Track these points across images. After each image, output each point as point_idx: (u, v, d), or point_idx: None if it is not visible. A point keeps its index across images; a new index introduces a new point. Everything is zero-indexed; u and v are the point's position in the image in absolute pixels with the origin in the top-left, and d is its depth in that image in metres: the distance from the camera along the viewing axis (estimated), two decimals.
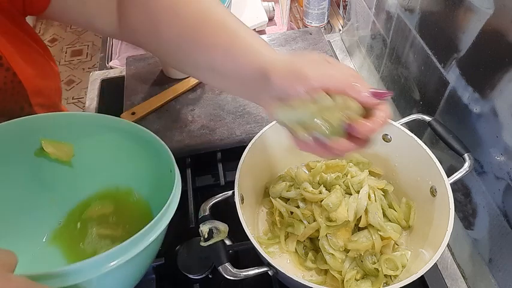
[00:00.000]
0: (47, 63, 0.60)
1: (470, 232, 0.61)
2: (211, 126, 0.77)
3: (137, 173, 0.59)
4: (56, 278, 0.36)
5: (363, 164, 0.65)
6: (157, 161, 0.54)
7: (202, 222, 0.49)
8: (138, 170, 0.59)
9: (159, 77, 0.87)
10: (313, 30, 0.96)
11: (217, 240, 0.48)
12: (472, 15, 0.52)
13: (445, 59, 0.60)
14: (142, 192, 0.61)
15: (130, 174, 0.60)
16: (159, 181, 0.55)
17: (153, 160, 0.55)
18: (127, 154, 0.58)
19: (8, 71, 0.51)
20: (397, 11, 0.72)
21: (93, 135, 0.56)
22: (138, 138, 0.55)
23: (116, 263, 0.39)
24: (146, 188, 0.60)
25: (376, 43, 0.85)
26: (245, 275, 0.48)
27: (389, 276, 0.55)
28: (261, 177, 0.65)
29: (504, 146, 0.51)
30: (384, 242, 0.56)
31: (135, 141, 0.55)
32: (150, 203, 0.60)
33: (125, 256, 0.40)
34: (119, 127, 0.56)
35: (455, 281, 0.63)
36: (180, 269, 0.59)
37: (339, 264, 0.55)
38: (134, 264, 0.45)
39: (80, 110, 2.24)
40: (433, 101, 0.66)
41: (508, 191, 0.52)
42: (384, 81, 0.83)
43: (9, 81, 0.52)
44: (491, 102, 0.52)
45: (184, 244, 0.61)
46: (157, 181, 0.55)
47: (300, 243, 0.59)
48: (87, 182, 0.60)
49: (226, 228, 0.48)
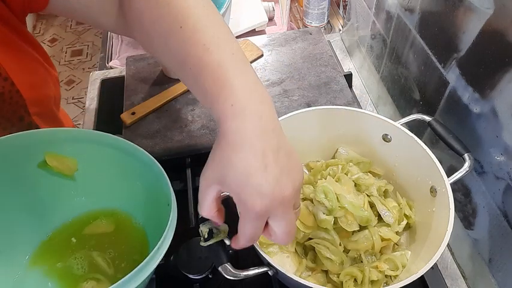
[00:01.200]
0: (46, 71, 0.60)
1: (470, 232, 0.61)
2: (211, 126, 0.77)
3: (135, 197, 0.59)
4: None
5: (364, 163, 0.65)
6: (156, 188, 0.53)
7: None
8: (136, 194, 0.58)
9: (159, 77, 0.87)
10: (313, 30, 0.96)
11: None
12: (472, 15, 0.52)
13: (445, 59, 0.60)
14: (138, 218, 0.61)
15: (128, 196, 0.59)
16: (156, 209, 0.54)
17: (152, 187, 0.54)
18: (127, 175, 0.57)
19: (6, 80, 0.51)
20: (397, 11, 0.72)
21: (95, 153, 0.56)
22: (140, 162, 0.54)
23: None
24: (143, 213, 0.60)
25: (376, 43, 0.85)
26: (245, 275, 0.48)
27: (390, 276, 0.55)
28: None
29: (504, 146, 0.51)
30: (383, 242, 0.56)
31: (137, 162, 0.55)
32: (145, 228, 0.60)
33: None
34: (121, 147, 0.55)
35: (455, 281, 0.63)
36: (180, 269, 0.59)
37: (337, 268, 0.55)
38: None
39: (80, 110, 2.24)
40: (433, 101, 0.66)
41: (508, 191, 0.52)
42: (384, 81, 0.83)
43: (7, 91, 0.51)
44: (491, 102, 0.52)
45: (184, 244, 0.61)
46: (155, 209, 0.55)
47: (300, 243, 0.59)
48: (84, 200, 0.60)
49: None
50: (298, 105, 0.80)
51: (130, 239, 0.59)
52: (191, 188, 0.69)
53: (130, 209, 0.61)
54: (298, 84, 0.84)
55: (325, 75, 0.85)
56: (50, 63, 0.62)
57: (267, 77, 0.86)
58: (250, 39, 0.94)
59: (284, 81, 0.85)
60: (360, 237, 0.56)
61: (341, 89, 0.82)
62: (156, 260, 0.44)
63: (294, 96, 0.82)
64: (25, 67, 0.55)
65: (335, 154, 0.68)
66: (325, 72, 0.86)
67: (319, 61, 0.88)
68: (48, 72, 0.61)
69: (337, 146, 0.68)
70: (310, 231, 0.56)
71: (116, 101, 0.84)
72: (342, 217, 0.55)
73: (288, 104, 0.80)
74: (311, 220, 0.57)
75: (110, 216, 0.61)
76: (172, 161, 0.71)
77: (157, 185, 0.52)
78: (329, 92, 0.82)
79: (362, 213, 0.55)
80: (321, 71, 0.86)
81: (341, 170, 0.62)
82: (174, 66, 0.46)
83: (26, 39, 0.55)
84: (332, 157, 0.69)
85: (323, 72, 0.86)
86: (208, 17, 0.44)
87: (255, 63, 0.90)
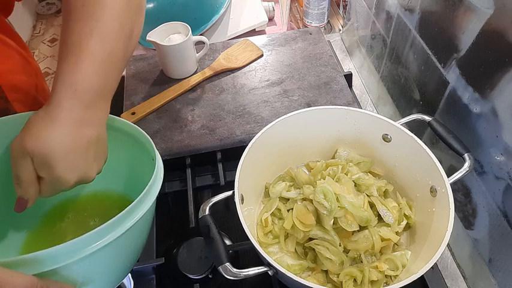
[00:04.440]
0: (23, 59, 0.61)
1: (470, 232, 0.61)
2: (211, 126, 0.77)
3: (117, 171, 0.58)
4: (31, 263, 0.35)
5: (364, 163, 0.65)
6: (139, 152, 0.53)
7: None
8: (120, 167, 0.57)
9: (159, 77, 0.88)
10: (313, 30, 0.96)
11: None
12: (472, 15, 0.52)
13: (445, 59, 0.60)
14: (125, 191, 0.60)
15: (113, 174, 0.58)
16: (141, 178, 0.53)
17: (134, 150, 0.54)
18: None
19: None
20: (397, 11, 0.72)
21: None
22: (117, 131, 0.54)
23: (94, 246, 0.38)
24: (128, 185, 0.59)
25: (376, 43, 0.85)
26: (245, 275, 0.48)
27: (389, 276, 0.55)
28: (261, 177, 0.65)
29: (504, 146, 0.51)
30: (383, 242, 0.56)
31: (115, 132, 0.54)
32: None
33: (104, 240, 0.39)
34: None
35: (455, 281, 0.63)
36: (180, 269, 0.59)
37: (337, 268, 0.55)
38: (118, 249, 0.44)
39: None
40: (433, 101, 0.66)
41: (508, 191, 0.52)
42: (384, 81, 0.83)
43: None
44: (491, 102, 0.52)
45: (184, 244, 0.61)
46: (140, 179, 0.54)
47: (300, 243, 0.59)
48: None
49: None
50: (298, 105, 0.80)
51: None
52: (191, 188, 0.69)
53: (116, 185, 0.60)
54: (298, 84, 0.84)
55: (325, 75, 0.85)
56: (29, 55, 0.63)
57: (267, 77, 0.86)
58: (250, 39, 0.94)
59: (284, 81, 0.85)
60: (359, 237, 0.56)
61: (341, 89, 0.82)
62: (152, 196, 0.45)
63: (294, 96, 0.82)
64: (0, 54, 0.55)
65: (335, 154, 0.68)
66: (325, 72, 0.86)
67: (319, 61, 0.88)
68: (26, 60, 0.61)
69: (337, 146, 0.68)
70: (309, 229, 0.56)
71: (116, 101, 0.84)
72: (342, 217, 0.55)
73: (288, 104, 0.80)
74: (310, 219, 0.57)
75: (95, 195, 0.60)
76: (172, 161, 0.71)
77: (140, 150, 0.52)
78: (329, 92, 0.82)
79: (362, 214, 0.55)
80: (321, 71, 0.86)
81: (341, 170, 0.62)
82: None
83: (4, 31, 0.56)
84: (332, 157, 0.69)
85: (323, 72, 0.86)
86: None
87: (255, 63, 0.90)
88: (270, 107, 0.80)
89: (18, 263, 0.35)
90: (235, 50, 0.92)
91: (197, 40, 0.84)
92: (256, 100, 0.82)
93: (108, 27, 0.45)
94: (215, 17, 1.00)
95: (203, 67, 0.88)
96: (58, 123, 0.42)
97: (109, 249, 0.41)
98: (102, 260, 0.43)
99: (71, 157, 0.43)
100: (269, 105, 0.80)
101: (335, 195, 0.55)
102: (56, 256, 0.37)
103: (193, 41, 0.84)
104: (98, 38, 0.44)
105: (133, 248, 0.50)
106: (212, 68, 0.87)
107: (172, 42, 0.82)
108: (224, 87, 0.85)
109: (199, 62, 0.90)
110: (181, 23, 0.84)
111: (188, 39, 0.81)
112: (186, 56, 0.84)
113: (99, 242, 0.39)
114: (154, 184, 0.47)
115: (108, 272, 0.47)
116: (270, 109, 0.80)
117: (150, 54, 0.93)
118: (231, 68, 0.88)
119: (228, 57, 0.90)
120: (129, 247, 0.48)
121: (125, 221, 0.42)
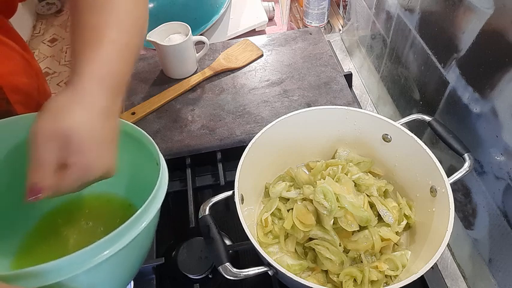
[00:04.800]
0: (25, 60, 0.60)
1: (470, 232, 0.61)
2: (211, 126, 0.77)
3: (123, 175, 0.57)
4: (34, 277, 0.33)
5: (364, 163, 0.65)
6: (142, 155, 0.52)
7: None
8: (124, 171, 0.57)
9: (159, 77, 0.88)
10: (313, 30, 0.96)
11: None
12: (472, 15, 0.52)
13: (445, 59, 0.60)
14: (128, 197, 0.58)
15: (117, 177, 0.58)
16: (144, 183, 0.52)
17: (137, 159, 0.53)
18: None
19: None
20: (397, 11, 0.72)
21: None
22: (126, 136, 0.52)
23: (100, 257, 0.37)
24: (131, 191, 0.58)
25: (376, 43, 0.85)
26: (245, 275, 0.48)
27: (389, 276, 0.55)
28: (261, 177, 0.65)
29: (504, 146, 0.51)
30: (383, 242, 0.56)
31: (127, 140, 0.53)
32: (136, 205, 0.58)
33: (110, 250, 0.38)
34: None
35: (455, 281, 0.63)
36: (180, 269, 0.59)
37: (337, 268, 0.55)
38: (124, 258, 0.43)
39: None
40: (433, 101, 0.66)
41: (508, 191, 0.52)
42: (384, 81, 0.83)
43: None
44: (491, 102, 0.52)
45: (184, 244, 0.61)
46: (142, 184, 0.52)
47: (300, 243, 0.59)
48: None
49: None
50: (298, 105, 0.80)
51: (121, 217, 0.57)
52: (191, 188, 0.69)
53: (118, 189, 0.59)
54: (298, 84, 0.84)
55: (325, 75, 0.85)
56: (32, 58, 0.62)
57: (267, 77, 0.86)
58: (250, 39, 0.94)
59: (284, 81, 0.85)
60: (359, 237, 0.56)
61: (341, 89, 0.82)
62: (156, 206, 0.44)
63: (294, 96, 0.82)
64: (1, 56, 0.55)
65: (335, 154, 0.68)
66: (325, 72, 0.86)
67: (319, 61, 0.88)
68: (27, 62, 0.61)
69: (337, 146, 0.68)
70: (309, 229, 0.56)
71: None
72: (342, 217, 0.55)
73: (288, 104, 0.80)
74: (310, 219, 0.57)
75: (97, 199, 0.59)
76: (172, 161, 0.71)
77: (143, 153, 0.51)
78: (329, 92, 0.82)
79: (362, 214, 0.55)
80: (321, 71, 0.86)
81: (341, 170, 0.62)
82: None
83: (6, 33, 0.56)
84: (332, 157, 0.69)
85: (323, 72, 0.86)
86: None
87: (255, 63, 0.90)
88: (270, 107, 0.80)
89: (20, 276, 0.33)
90: (235, 50, 0.92)
91: (197, 40, 0.84)
92: (256, 100, 0.82)
93: (123, 20, 0.45)
94: (215, 17, 1.00)
95: (203, 67, 0.89)
96: (90, 110, 0.40)
97: (115, 259, 0.39)
98: (108, 270, 0.42)
99: (103, 146, 0.41)
100: (269, 105, 0.80)
101: (335, 195, 0.55)
102: (61, 268, 0.35)
103: (193, 41, 0.84)
104: (115, 30, 0.44)
105: (139, 254, 0.49)
106: (212, 68, 0.87)
107: (172, 42, 0.82)
108: (224, 87, 0.85)
109: (199, 62, 0.90)
110: (181, 23, 0.84)
111: (188, 39, 0.81)
112: (186, 56, 0.84)
113: (105, 252, 0.38)
114: (159, 190, 0.45)
115: (113, 280, 0.46)
116: (270, 109, 0.80)
117: (150, 54, 0.93)
118: (231, 68, 0.88)
119: (228, 57, 0.90)
120: (134, 254, 0.47)
121: (131, 230, 0.41)
